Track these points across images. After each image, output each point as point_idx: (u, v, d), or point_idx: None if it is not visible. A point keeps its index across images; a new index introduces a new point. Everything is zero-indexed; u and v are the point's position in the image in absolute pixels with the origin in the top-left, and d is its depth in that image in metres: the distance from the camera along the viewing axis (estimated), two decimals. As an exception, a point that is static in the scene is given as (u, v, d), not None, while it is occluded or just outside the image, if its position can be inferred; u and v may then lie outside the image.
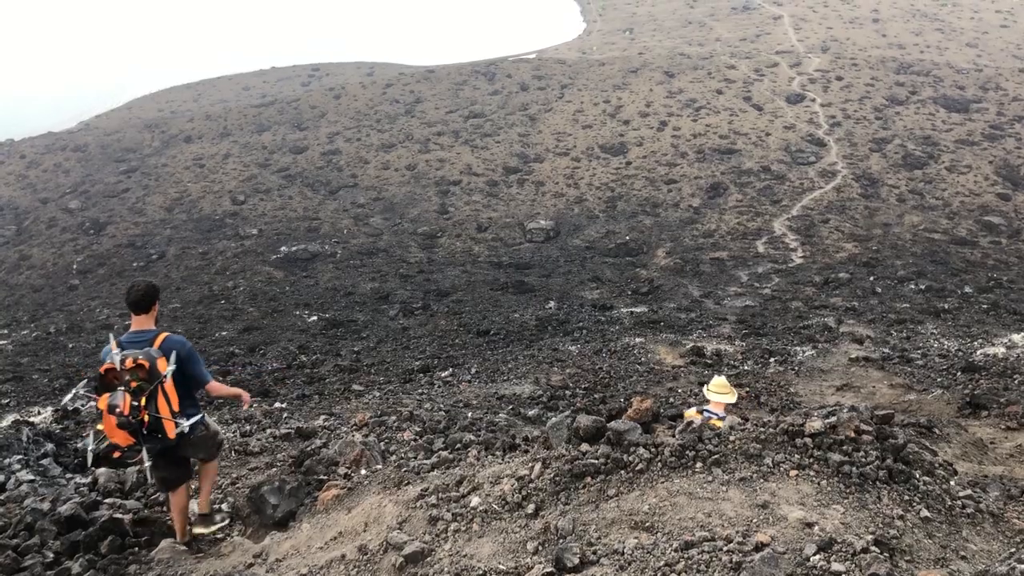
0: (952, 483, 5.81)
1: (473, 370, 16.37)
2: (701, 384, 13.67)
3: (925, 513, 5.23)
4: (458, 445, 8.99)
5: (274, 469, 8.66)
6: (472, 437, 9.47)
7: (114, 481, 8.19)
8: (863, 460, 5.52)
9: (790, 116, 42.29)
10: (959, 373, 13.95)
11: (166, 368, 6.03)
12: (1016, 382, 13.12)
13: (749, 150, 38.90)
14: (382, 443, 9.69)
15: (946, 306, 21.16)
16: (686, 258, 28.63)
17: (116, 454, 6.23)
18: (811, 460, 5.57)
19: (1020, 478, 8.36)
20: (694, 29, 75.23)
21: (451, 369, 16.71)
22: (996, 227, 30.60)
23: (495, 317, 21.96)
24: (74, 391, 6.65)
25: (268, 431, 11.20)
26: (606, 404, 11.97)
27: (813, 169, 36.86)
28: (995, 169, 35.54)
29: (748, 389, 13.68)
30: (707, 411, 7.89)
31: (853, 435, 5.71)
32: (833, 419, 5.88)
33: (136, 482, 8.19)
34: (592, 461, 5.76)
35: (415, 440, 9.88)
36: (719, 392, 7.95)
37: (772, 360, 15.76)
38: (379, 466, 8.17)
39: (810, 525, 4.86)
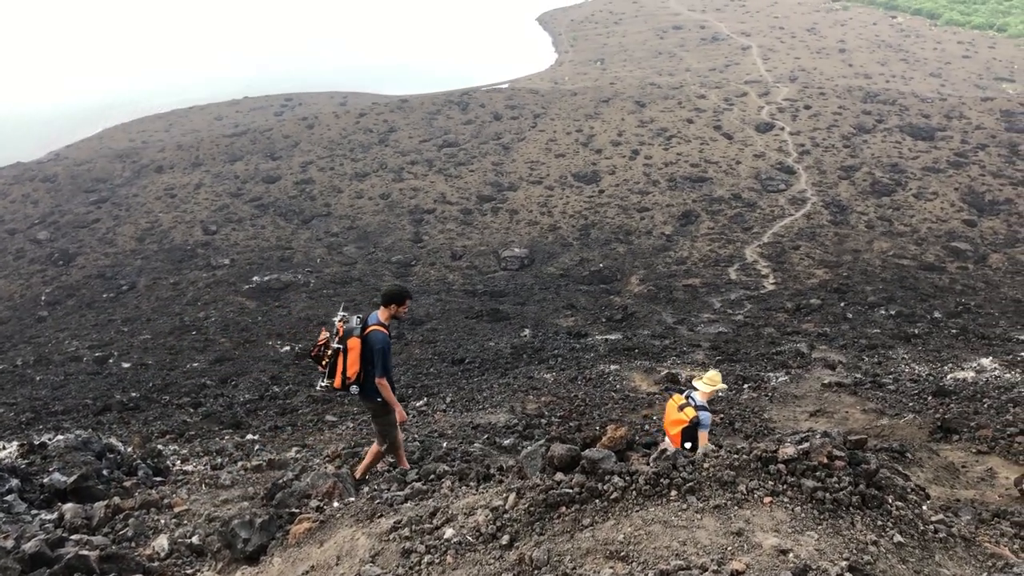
0: (925, 508, 5.85)
1: (448, 399, 16.27)
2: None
3: (898, 538, 5.25)
4: (432, 476, 8.89)
5: (245, 502, 8.53)
6: (446, 467, 9.37)
7: (81, 516, 8.01)
8: (836, 486, 5.53)
9: (760, 145, 42.86)
10: (930, 397, 14.06)
11: (350, 342, 7.83)
12: (986, 406, 13.25)
13: (720, 178, 39.34)
14: (355, 474, 9.57)
15: (916, 331, 21.41)
16: (659, 285, 28.78)
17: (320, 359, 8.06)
18: (785, 487, 5.58)
19: (991, 502, 8.44)
20: (664, 59, 76.29)
21: (426, 398, 16.60)
22: (963, 252, 31.12)
23: (470, 345, 21.89)
24: (339, 316, 8.08)
25: (240, 463, 11.04)
26: (581, 432, 11.92)
27: (783, 196, 37.33)
28: (960, 196, 36.22)
29: (722, 415, 13.71)
30: (692, 397, 8.19)
31: (826, 461, 5.73)
32: (806, 445, 5.89)
33: (103, 517, 8.02)
34: (567, 490, 5.72)
35: (388, 471, 9.77)
36: (710, 383, 8.26)
37: (746, 386, 15.81)
38: (352, 498, 8.07)
39: (785, 552, 4.86)
